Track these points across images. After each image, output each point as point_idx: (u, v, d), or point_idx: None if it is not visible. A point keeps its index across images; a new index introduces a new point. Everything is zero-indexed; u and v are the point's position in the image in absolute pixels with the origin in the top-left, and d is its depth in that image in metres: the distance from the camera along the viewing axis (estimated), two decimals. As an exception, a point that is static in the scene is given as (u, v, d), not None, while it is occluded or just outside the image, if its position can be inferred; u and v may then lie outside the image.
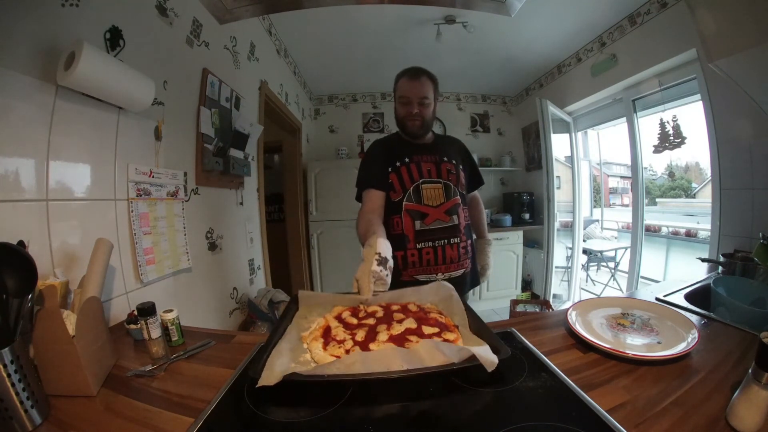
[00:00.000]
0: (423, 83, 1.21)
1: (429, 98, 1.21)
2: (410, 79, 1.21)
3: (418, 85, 1.20)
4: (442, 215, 1.19)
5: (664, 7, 1.99)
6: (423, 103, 1.21)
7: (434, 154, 1.26)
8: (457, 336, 0.74)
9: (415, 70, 1.23)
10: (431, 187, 1.20)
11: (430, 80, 1.23)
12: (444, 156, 1.26)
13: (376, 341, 0.73)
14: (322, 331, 0.78)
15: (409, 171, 1.21)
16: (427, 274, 1.19)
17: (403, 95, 1.22)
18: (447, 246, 1.20)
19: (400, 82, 1.24)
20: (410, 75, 1.22)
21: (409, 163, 1.22)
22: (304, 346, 0.73)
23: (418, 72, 1.22)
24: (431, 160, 1.24)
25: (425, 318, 0.81)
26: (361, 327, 0.79)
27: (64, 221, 0.90)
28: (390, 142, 1.33)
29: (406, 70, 1.25)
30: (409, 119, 1.22)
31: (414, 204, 1.19)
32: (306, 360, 0.68)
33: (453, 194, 1.22)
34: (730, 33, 1.14)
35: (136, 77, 1.03)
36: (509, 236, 3.42)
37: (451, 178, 1.23)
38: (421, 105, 1.21)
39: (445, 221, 1.20)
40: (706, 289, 1.14)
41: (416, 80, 1.20)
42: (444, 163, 1.25)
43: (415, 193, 1.19)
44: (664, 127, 2.27)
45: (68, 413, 0.61)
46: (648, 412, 0.55)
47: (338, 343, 0.72)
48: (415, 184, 1.19)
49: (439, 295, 0.94)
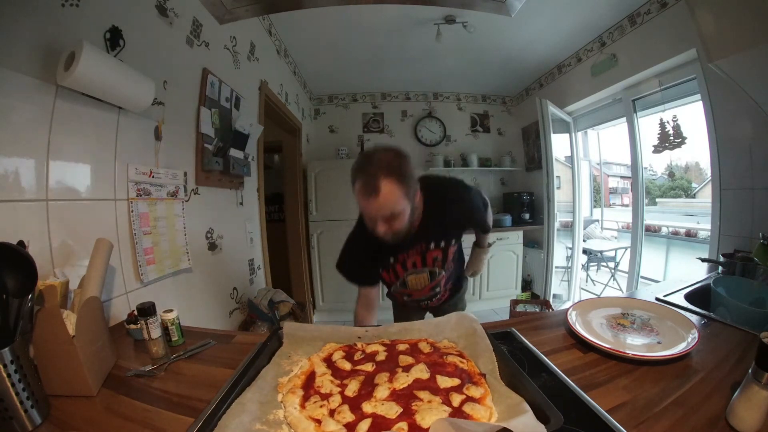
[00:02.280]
0: (384, 197, 0.82)
1: (400, 206, 0.86)
2: (364, 194, 0.83)
3: (376, 202, 0.83)
4: (426, 292, 1.23)
5: (664, 7, 1.99)
6: (392, 216, 0.87)
7: (420, 242, 1.08)
8: (485, 391, 0.56)
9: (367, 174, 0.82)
10: (417, 278, 1.17)
11: (396, 181, 0.82)
12: (432, 241, 1.09)
13: (373, 399, 0.56)
14: (304, 379, 0.62)
15: (394, 271, 1.14)
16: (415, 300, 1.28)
17: (362, 210, 0.91)
18: (431, 300, 1.29)
19: (355, 186, 0.86)
20: (362, 185, 0.83)
21: (394, 264, 1.12)
22: (279, 397, 0.58)
23: (373, 179, 0.81)
24: (417, 251, 1.09)
25: (441, 363, 0.64)
26: (355, 375, 0.63)
27: (64, 221, 0.90)
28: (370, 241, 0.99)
29: (357, 166, 0.86)
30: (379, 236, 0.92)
31: (401, 289, 1.21)
32: (277, 419, 0.53)
33: (439, 274, 1.17)
34: (730, 33, 1.14)
35: (136, 77, 1.03)
36: (509, 236, 3.42)
37: (437, 264, 1.14)
38: (390, 219, 0.87)
39: (428, 294, 1.24)
40: (706, 289, 1.14)
41: (372, 196, 0.82)
42: (430, 252, 1.10)
43: (401, 284, 1.18)
44: (664, 127, 2.27)
45: (68, 413, 0.61)
46: (648, 412, 0.55)
47: (322, 399, 0.57)
48: (400, 279, 1.17)
49: (459, 330, 0.75)
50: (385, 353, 0.70)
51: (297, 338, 0.76)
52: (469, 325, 0.74)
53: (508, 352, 0.67)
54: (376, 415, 0.53)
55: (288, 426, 0.52)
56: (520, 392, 0.53)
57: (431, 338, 0.75)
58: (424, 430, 0.49)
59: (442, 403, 0.54)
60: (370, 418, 0.52)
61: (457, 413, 0.52)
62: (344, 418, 0.53)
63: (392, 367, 0.65)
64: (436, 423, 0.45)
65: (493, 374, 0.60)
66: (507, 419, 0.46)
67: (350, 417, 0.53)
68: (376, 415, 0.53)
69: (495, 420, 0.50)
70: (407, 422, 0.51)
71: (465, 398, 0.55)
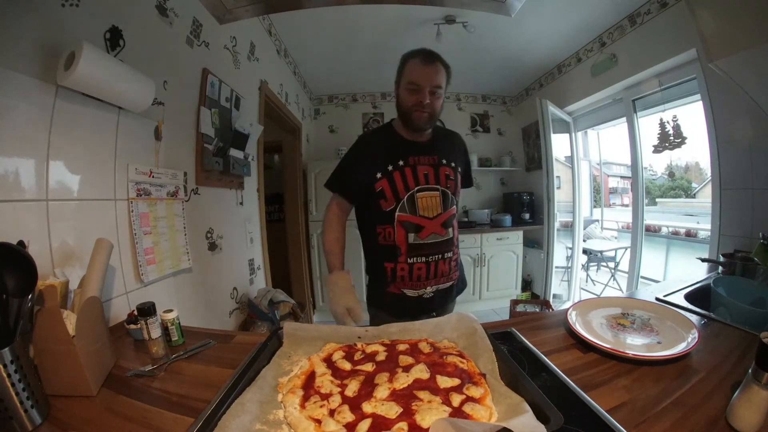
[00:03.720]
0: (438, 70, 1.04)
1: (442, 88, 1.05)
2: (424, 64, 1.03)
3: (433, 71, 1.03)
4: (438, 228, 1.08)
5: (664, 7, 1.99)
6: (435, 92, 1.04)
7: (433, 154, 1.11)
8: (485, 391, 0.57)
9: (428, 52, 1.05)
10: (428, 196, 1.06)
11: (444, 67, 1.06)
12: (443, 157, 1.12)
13: (373, 399, 0.56)
14: (304, 379, 0.62)
15: (404, 177, 1.06)
16: (416, 289, 1.10)
17: (414, 81, 1.04)
18: (440, 261, 1.10)
19: (410, 64, 1.05)
20: (424, 58, 1.04)
21: (404, 167, 1.06)
22: (279, 397, 0.58)
23: (433, 56, 1.05)
24: (429, 162, 1.09)
25: (441, 363, 0.65)
26: (355, 375, 0.63)
27: (64, 221, 0.90)
28: (381, 138, 1.16)
29: (417, 51, 1.06)
30: (417, 110, 1.05)
31: (408, 215, 1.06)
32: (277, 419, 0.53)
33: (450, 204, 1.10)
34: (730, 33, 1.14)
35: (136, 77, 1.03)
36: (509, 236, 3.42)
37: (450, 185, 1.10)
38: (432, 95, 1.04)
39: (440, 235, 1.08)
40: (706, 289, 1.14)
41: (431, 65, 1.03)
42: (443, 167, 1.10)
43: (409, 203, 1.05)
44: (664, 127, 2.27)
45: (68, 413, 0.61)
46: (648, 412, 0.55)
47: (322, 399, 0.57)
48: (410, 192, 1.05)
49: (459, 330, 0.75)
50: (385, 353, 0.70)
51: (297, 338, 0.76)
52: (469, 325, 0.74)
53: (508, 352, 0.67)
54: (376, 415, 0.53)
55: (288, 426, 0.51)
56: (520, 392, 0.53)
57: (431, 338, 0.75)
58: (424, 430, 0.49)
59: (442, 403, 0.54)
60: (370, 418, 0.52)
61: (457, 413, 0.52)
62: (344, 418, 0.53)
63: (392, 367, 0.65)
64: (436, 423, 0.44)
65: (493, 374, 0.60)
66: (507, 419, 0.46)
67: (350, 417, 0.53)
68: (376, 415, 0.53)
69: (495, 420, 0.50)
70: (407, 422, 0.51)
71: (465, 398, 0.55)
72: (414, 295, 1.11)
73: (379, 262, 1.12)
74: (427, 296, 1.12)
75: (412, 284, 1.10)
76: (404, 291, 1.11)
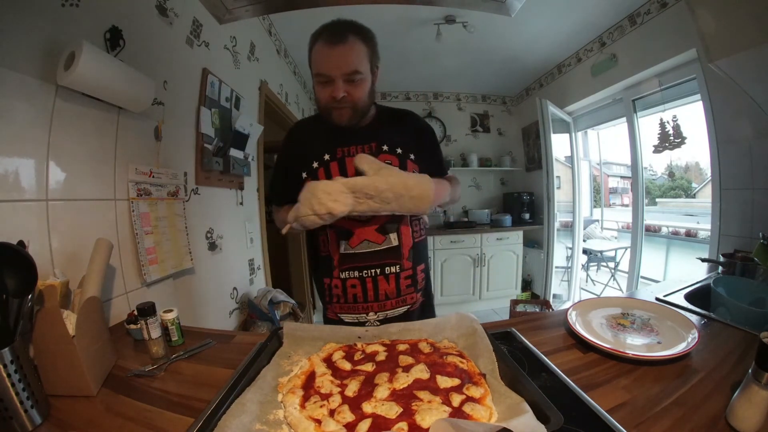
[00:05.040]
0: (350, 49, 0.77)
1: (361, 71, 0.80)
2: (329, 45, 0.77)
3: (342, 53, 0.77)
4: (371, 234, 0.86)
5: (664, 7, 1.99)
6: (352, 79, 0.79)
7: (370, 141, 0.88)
8: (485, 391, 0.56)
9: (333, 27, 0.79)
10: None
11: (361, 41, 0.80)
12: (384, 143, 0.88)
13: (373, 399, 0.56)
14: (304, 379, 0.62)
15: (329, 175, 0.85)
16: (355, 314, 0.90)
17: (320, 72, 0.80)
18: (380, 277, 0.87)
19: (315, 49, 0.81)
20: (328, 37, 0.78)
21: (330, 162, 0.87)
22: (279, 397, 0.58)
23: (340, 30, 0.78)
24: (363, 151, 0.86)
25: (441, 364, 0.64)
26: (355, 375, 0.63)
27: (64, 221, 0.90)
28: (311, 128, 0.96)
29: (322, 27, 0.81)
30: (332, 107, 0.83)
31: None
32: (277, 419, 0.53)
33: None
34: (730, 33, 1.14)
35: (136, 77, 1.03)
36: (509, 236, 3.42)
37: None
38: (350, 83, 0.80)
39: (376, 243, 0.86)
40: (706, 289, 1.14)
41: (339, 45, 0.77)
42: (383, 155, 0.87)
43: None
44: (664, 127, 2.27)
45: (68, 413, 0.61)
46: (648, 412, 0.55)
47: (322, 399, 0.57)
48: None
49: (459, 330, 0.74)
50: (385, 353, 0.70)
51: (297, 338, 0.75)
52: (469, 325, 0.73)
53: (508, 352, 0.67)
54: (376, 415, 0.53)
55: (288, 426, 0.51)
56: (520, 392, 0.53)
57: (431, 338, 0.75)
58: (424, 430, 0.49)
59: (442, 403, 0.54)
60: (370, 418, 0.52)
61: (457, 413, 0.52)
62: (344, 418, 0.53)
63: (392, 367, 0.64)
64: (436, 423, 0.44)
65: (493, 374, 0.60)
66: (507, 419, 0.46)
67: (350, 417, 0.53)
68: (376, 415, 0.53)
69: (495, 420, 0.50)
70: (407, 422, 0.51)
71: (465, 398, 0.55)
72: (353, 321, 0.90)
73: (320, 279, 0.95)
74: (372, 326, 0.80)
75: (348, 307, 0.90)
76: (340, 316, 0.91)
